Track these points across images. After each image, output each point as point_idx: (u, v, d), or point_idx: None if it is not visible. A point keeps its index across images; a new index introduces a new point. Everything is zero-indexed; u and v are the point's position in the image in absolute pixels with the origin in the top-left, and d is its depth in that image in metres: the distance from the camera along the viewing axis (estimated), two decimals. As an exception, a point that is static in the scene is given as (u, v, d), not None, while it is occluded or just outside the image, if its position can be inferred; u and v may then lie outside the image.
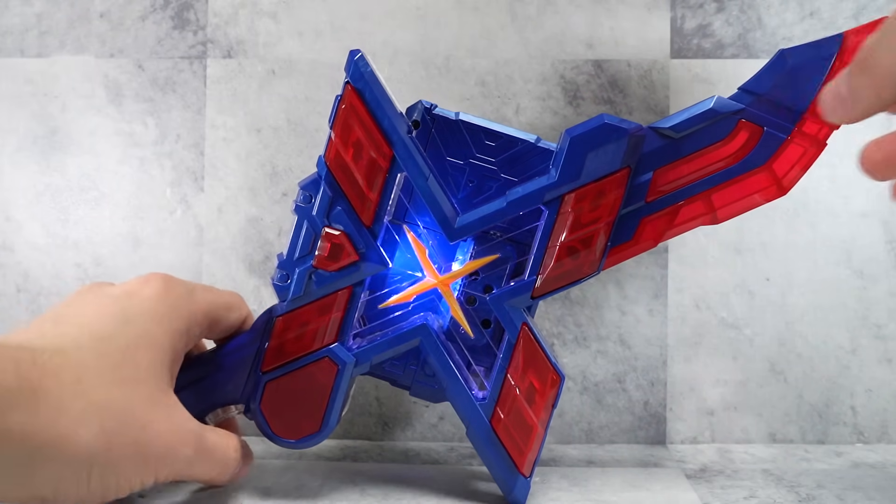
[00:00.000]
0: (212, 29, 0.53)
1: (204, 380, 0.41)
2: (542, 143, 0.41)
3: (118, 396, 0.34)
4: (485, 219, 0.40)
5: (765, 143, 0.38)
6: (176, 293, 0.39)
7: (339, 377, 0.40)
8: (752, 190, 0.39)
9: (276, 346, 0.41)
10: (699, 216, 0.40)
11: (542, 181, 0.39)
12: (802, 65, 0.38)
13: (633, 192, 0.39)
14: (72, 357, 0.33)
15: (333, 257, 0.40)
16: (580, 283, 0.40)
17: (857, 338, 0.52)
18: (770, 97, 0.38)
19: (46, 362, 0.32)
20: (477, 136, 0.41)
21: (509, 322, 0.40)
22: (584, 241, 0.39)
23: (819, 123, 0.38)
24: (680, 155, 0.39)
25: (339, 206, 0.40)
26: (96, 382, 0.33)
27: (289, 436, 0.41)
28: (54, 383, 0.32)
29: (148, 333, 0.36)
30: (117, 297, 0.37)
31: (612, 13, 0.52)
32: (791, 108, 0.38)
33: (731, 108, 0.39)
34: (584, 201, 0.39)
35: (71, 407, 0.32)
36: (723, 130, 0.39)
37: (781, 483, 0.45)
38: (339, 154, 0.40)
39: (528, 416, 0.40)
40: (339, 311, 0.40)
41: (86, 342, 0.34)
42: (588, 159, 0.39)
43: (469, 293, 0.41)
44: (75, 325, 0.35)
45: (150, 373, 0.35)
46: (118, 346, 0.35)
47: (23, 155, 0.53)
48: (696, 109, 0.39)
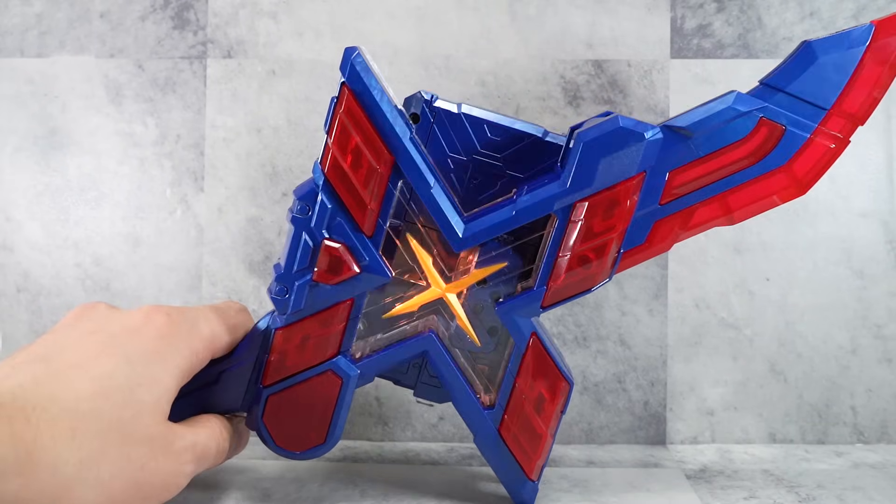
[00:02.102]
0: (212, 29, 0.53)
1: (201, 391, 0.40)
2: (549, 136, 0.38)
3: (115, 442, 0.33)
4: (492, 228, 0.38)
5: (786, 143, 0.36)
6: (179, 330, 0.37)
7: (343, 390, 0.39)
8: (770, 191, 0.37)
9: (276, 360, 0.39)
10: (715, 218, 0.38)
11: (553, 188, 0.37)
12: (830, 58, 0.36)
13: (647, 194, 0.37)
14: (67, 405, 0.32)
15: (334, 271, 0.38)
16: (591, 293, 0.39)
17: (857, 338, 0.52)
18: (793, 92, 0.36)
19: (40, 417, 0.31)
20: (480, 129, 0.39)
21: (518, 332, 0.39)
22: (597, 250, 0.37)
23: (843, 119, 0.36)
24: (696, 155, 0.37)
25: (338, 218, 0.38)
26: (93, 431, 0.32)
27: (293, 448, 0.40)
28: (49, 441, 0.31)
29: (150, 374, 0.35)
30: (117, 336, 0.36)
31: (612, 13, 0.52)
32: (815, 104, 0.36)
33: (753, 105, 0.36)
34: (597, 209, 0.37)
35: (64, 465, 0.31)
36: (742, 129, 0.37)
37: (781, 483, 0.45)
38: (337, 162, 0.37)
39: (536, 425, 0.40)
40: (341, 322, 0.39)
41: (84, 385, 0.33)
42: (601, 165, 0.36)
43: (475, 300, 0.40)
44: (72, 366, 0.34)
45: (152, 411, 0.34)
46: (119, 387, 0.34)
47: (23, 155, 0.53)
48: (714, 107, 0.36)
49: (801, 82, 0.36)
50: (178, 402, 0.37)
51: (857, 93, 0.36)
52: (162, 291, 0.53)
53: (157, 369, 0.35)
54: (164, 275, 0.53)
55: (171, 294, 0.53)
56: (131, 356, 0.35)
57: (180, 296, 0.53)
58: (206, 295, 0.53)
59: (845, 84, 0.36)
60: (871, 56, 0.35)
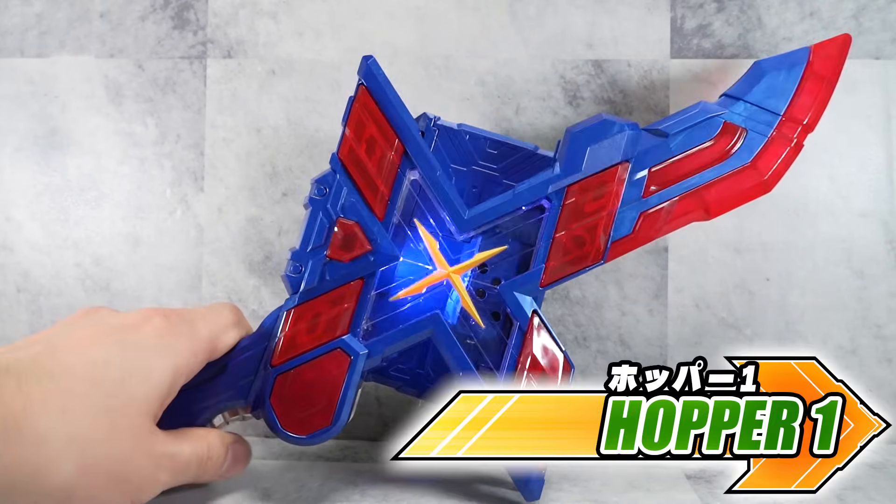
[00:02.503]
0: (212, 29, 0.53)
1: (209, 382, 0.41)
2: (540, 151, 0.43)
3: (103, 428, 0.33)
4: (493, 209, 0.41)
5: (748, 143, 0.42)
6: (177, 331, 0.38)
7: (351, 369, 0.40)
8: (740, 186, 0.42)
9: (287, 339, 0.41)
10: (692, 211, 0.42)
11: (547, 174, 0.42)
12: (778, 72, 0.43)
13: (632, 188, 0.42)
14: (61, 384, 0.32)
15: (347, 247, 0.41)
16: (585, 273, 0.42)
17: (857, 338, 0.52)
18: (751, 101, 0.43)
19: (32, 388, 0.31)
20: (479, 144, 0.43)
21: (520, 310, 0.41)
22: (589, 229, 0.41)
23: (795, 125, 0.42)
24: (672, 154, 0.42)
25: (352, 199, 0.41)
26: (83, 412, 0.32)
27: (298, 431, 0.40)
28: (39, 412, 0.31)
29: (146, 366, 0.35)
30: (117, 328, 0.37)
31: (612, 13, 0.52)
32: (769, 110, 0.42)
33: (716, 111, 0.42)
34: (587, 192, 0.41)
35: (53, 439, 0.31)
36: (709, 131, 0.42)
37: (781, 483, 0.45)
38: (353, 149, 0.41)
39: None
40: (351, 302, 0.41)
41: (79, 368, 0.33)
42: (589, 152, 0.41)
43: (478, 285, 0.42)
44: (70, 351, 0.34)
45: (140, 406, 0.35)
46: (112, 375, 0.34)
47: (23, 155, 0.53)
48: (684, 112, 0.43)
49: (756, 93, 0.43)
50: (188, 394, 0.38)
51: (803, 102, 0.42)
52: (162, 291, 0.53)
53: (151, 363, 0.36)
54: (164, 275, 0.53)
55: (171, 294, 0.53)
56: (127, 348, 0.35)
57: (180, 296, 0.53)
58: (206, 295, 0.53)
59: (791, 94, 0.42)
60: (811, 72, 0.43)
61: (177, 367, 0.37)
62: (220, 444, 0.39)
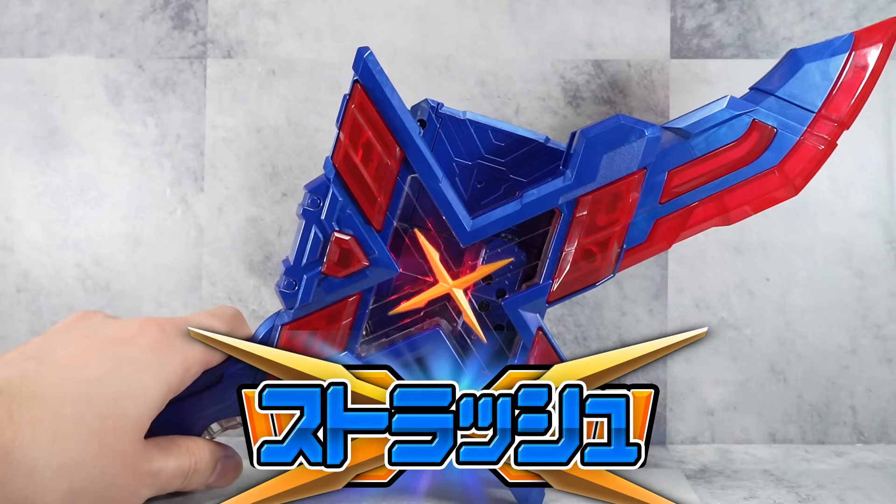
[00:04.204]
0: (212, 29, 0.53)
1: (205, 391, 0.40)
2: (551, 143, 0.40)
3: (93, 451, 0.33)
4: (499, 222, 0.38)
5: (777, 144, 0.38)
6: (172, 344, 0.37)
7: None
8: (764, 191, 0.39)
9: None
10: (712, 217, 0.39)
11: (558, 183, 0.38)
12: (815, 64, 0.38)
13: (648, 193, 0.39)
14: (51, 407, 0.32)
15: (343, 263, 0.38)
16: (595, 287, 0.39)
17: (857, 338, 0.52)
18: (783, 96, 0.38)
19: (23, 415, 0.31)
20: (485, 135, 0.40)
21: (524, 327, 0.39)
22: (601, 244, 0.38)
23: (830, 123, 0.38)
24: (693, 156, 0.39)
25: (348, 211, 0.38)
26: (74, 437, 0.32)
27: None
28: (29, 440, 0.31)
29: (139, 385, 0.35)
30: (110, 341, 0.36)
31: (612, 13, 0.52)
32: (803, 107, 0.38)
33: (745, 107, 0.38)
34: (600, 203, 0.38)
35: (43, 468, 0.31)
36: (736, 131, 0.38)
37: (781, 483, 0.45)
38: (349, 155, 0.38)
39: None
40: (349, 318, 0.39)
41: (71, 388, 0.33)
42: (604, 160, 0.38)
43: (481, 298, 0.40)
44: (62, 368, 0.34)
45: (132, 426, 0.34)
46: (105, 394, 0.34)
47: (23, 155, 0.53)
48: (709, 109, 0.38)
49: (790, 87, 0.38)
50: (184, 402, 0.37)
51: (841, 97, 0.38)
52: (162, 291, 0.53)
53: (145, 381, 0.35)
54: (164, 275, 0.53)
55: (171, 294, 0.53)
56: (122, 364, 0.35)
57: (180, 296, 0.53)
58: (206, 295, 0.53)
59: (830, 88, 0.38)
60: (853, 63, 0.38)
61: (170, 384, 0.36)
62: (208, 457, 0.39)
